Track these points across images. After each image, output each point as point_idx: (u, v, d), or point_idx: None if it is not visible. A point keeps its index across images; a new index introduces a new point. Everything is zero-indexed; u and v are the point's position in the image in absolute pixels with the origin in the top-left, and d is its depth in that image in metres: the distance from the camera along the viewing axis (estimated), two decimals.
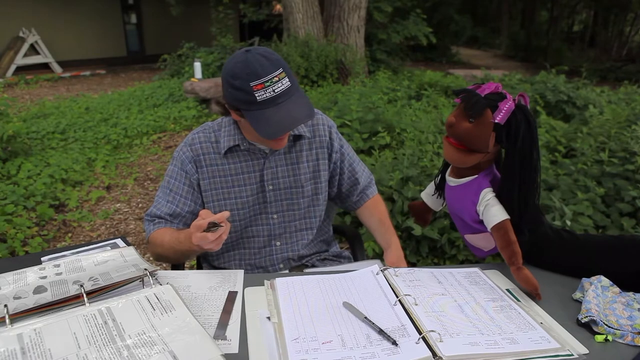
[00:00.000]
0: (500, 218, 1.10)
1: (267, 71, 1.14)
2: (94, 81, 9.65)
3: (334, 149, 1.44)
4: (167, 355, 0.79)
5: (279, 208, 1.39)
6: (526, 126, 1.05)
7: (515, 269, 1.09)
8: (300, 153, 1.39)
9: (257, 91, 1.14)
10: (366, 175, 1.53)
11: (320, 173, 1.42)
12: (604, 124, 3.76)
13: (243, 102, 1.17)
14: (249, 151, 1.34)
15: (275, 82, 1.15)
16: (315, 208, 1.44)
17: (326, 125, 1.44)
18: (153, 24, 12.60)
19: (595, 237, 1.33)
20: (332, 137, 1.44)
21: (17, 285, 0.98)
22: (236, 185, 1.35)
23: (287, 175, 1.38)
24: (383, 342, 0.88)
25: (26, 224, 3.12)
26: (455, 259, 2.58)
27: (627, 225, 2.60)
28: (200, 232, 1.07)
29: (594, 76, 9.28)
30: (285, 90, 1.17)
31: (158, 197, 1.38)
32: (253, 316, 0.96)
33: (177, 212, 1.33)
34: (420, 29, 9.92)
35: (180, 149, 1.37)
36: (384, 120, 4.30)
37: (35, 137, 4.98)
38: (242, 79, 1.14)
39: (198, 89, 6.40)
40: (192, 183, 1.34)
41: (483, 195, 1.14)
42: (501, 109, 1.04)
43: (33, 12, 10.34)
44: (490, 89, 1.08)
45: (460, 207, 1.22)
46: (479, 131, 1.07)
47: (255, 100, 1.14)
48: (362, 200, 1.53)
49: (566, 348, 0.88)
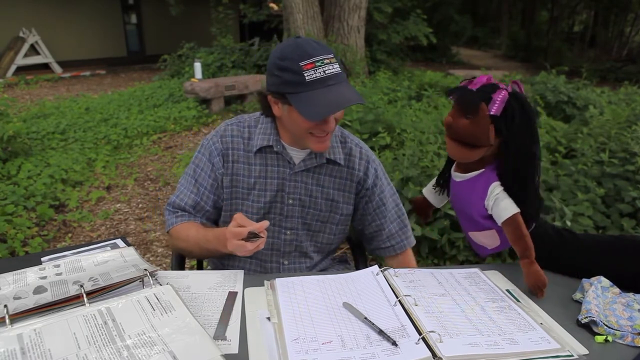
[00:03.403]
0: (512, 212, 1.09)
1: (318, 52, 1.09)
2: (94, 81, 9.66)
3: (366, 186, 1.33)
4: (167, 356, 0.79)
5: (294, 224, 1.31)
6: (521, 112, 1.05)
7: (528, 262, 1.08)
8: (328, 177, 1.30)
9: (307, 71, 1.07)
10: (395, 225, 1.37)
11: (342, 205, 1.33)
12: (604, 124, 3.76)
13: (290, 85, 1.09)
14: (279, 156, 1.27)
15: (327, 63, 1.09)
16: (328, 236, 1.36)
17: (364, 160, 1.34)
18: (153, 24, 12.61)
19: (595, 237, 1.33)
20: (368, 174, 1.33)
21: (17, 285, 0.98)
22: (257, 189, 1.28)
23: (310, 194, 1.29)
24: (383, 342, 0.88)
25: (26, 224, 3.12)
26: (455, 259, 2.58)
27: (627, 226, 2.60)
28: (237, 240, 1.04)
29: (594, 76, 9.29)
30: (336, 73, 1.10)
31: (181, 186, 1.32)
32: (253, 316, 0.96)
33: (200, 205, 1.29)
34: (420, 29, 9.93)
35: (211, 139, 1.30)
36: (384, 120, 4.30)
37: (36, 137, 4.98)
38: (291, 59, 1.08)
39: (198, 89, 6.40)
40: (217, 177, 1.28)
41: (492, 189, 1.13)
42: (495, 100, 1.04)
43: (33, 12, 10.34)
44: (482, 82, 1.08)
45: (467, 202, 1.21)
46: (477, 126, 1.06)
47: (304, 80, 1.07)
48: (387, 252, 1.38)
49: (566, 349, 0.88)
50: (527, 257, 1.08)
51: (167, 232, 1.33)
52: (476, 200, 1.17)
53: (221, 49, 8.58)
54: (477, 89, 1.07)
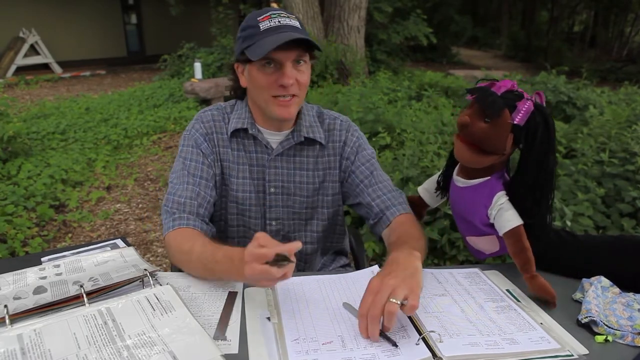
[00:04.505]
0: (515, 223, 1.05)
1: (278, 12, 1.09)
2: (94, 81, 9.66)
3: (345, 154, 1.27)
4: (167, 356, 0.79)
5: (278, 215, 1.26)
6: (544, 128, 1.00)
7: (530, 276, 1.04)
8: (310, 159, 1.25)
9: (262, 22, 1.07)
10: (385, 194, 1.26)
11: (328, 184, 1.27)
12: (604, 124, 3.76)
13: (247, 39, 1.09)
14: (256, 141, 1.22)
15: (284, 17, 1.08)
16: (322, 223, 1.29)
17: (344, 131, 1.28)
18: (153, 24, 12.63)
19: (595, 238, 1.32)
20: (347, 142, 1.27)
21: (17, 285, 0.98)
22: (240, 177, 1.22)
23: (292, 180, 1.24)
24: (383, 343, 0.88)
25: (26, 225, 3.12)
26: (455, 259, 2.58)
27: (627, 226, 2.60)
28: (260, 264, 0.84)
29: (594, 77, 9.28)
30: (291, 25, 1.08)
31: (174, 184, 1.18)
32: (253, 317, 0.95)
33: (201, 195, 1.16)
34: (420, 30, 9.94)
35: (192, 127, 1.23)
36: (385, 120, 4.30)
37: (36, 137, 4.98)
38: (250, 18, 1.10)
39: (198, 90, 6.40)
40: (210, 164, 1.20)
41: (497, 198, 1.08)
42: (520, 110, 0.99)
43: (33, 12, 10.35)
44: (507, 87, 1.03)
45: (470, 209, 1.16)
46: (495, 132, 1.01)
47: (259, 30, 1.07)
48: (382, 225, 1.24)
49: (566, 349, 0.88)
50: (526, 272, 1.05)
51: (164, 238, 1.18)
52: (479, 209, 1.12)
53: (221, 49, 8.58)
54: (501, 94, 1.01)
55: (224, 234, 1.31)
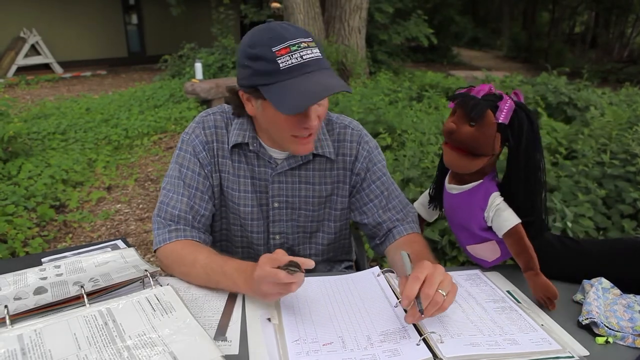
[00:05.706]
0: (513, 223, 1.06)
1: (294, 35, 0.93)
2: (95, 82, 9.67)
3: (355, 170, 1.19)
4: (167, 356, 0.79)
5: (282, 229, 1.20)
6: (529, 124, 1.02)
7: (533, 274, 1.04)
8: (316, 172, 1.17)
9: (281, 57, 0.91)
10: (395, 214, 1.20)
11: (337, 198, 1.20)
12: (605, 125, 3.75)
13: (262, 75, 0.93)
14: (258, 155, 1.14)
15: (304, 47, 0.93)
16: (328, 236, 1.25)
17: (355, 143, 1.18)
18: (154, 24, 12.63)
19: (597, 243, 1.30)
20: (358, 157, 1.18)
21: (18, 286, 0.98)
22: (242, 190, 1.15)
23: (297, 195, 1.17)
24: (384, 343, 0.87)
25: (27, 225, 3.12)
26: (456, 260, 2.58)
27: (628, 227, 2.60)
28: (272, 266, 0.85)
29: (595, 78, 9.29)
30: (315, 59, 0.94)
31: (169, 192, 1.12)
32: (253, 317, 0.95)
33: (195, 209, 1.11)
34: (421, 30, 9.94)
35: (193, 131, 1.14)
36: (385, 121, 4.31)
37: (36, 137, 4.99)
38: (262, 46, 0.92)
39: (199, 90, 6.41)
40: (207, 175, 1.12)
41: (492, 199, 1.09)
42: (502, 109, 1.01)
43: (34, 12, 10.36)
44: (485, 90, 1.05)
45: (466, 215, 1.16)
46: (482, 134, 1.02)
47: (278, 68, 0.91)
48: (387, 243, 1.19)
49: (567, 350, 0.87)
50: (531, 269, 1.05)
51: (154, 251, 1.11)
52: (476, 212, 1.12)
53: (222, 49, 8.58)
54: (482, 97, 1.03)
55: (229, 242, 1.28)
